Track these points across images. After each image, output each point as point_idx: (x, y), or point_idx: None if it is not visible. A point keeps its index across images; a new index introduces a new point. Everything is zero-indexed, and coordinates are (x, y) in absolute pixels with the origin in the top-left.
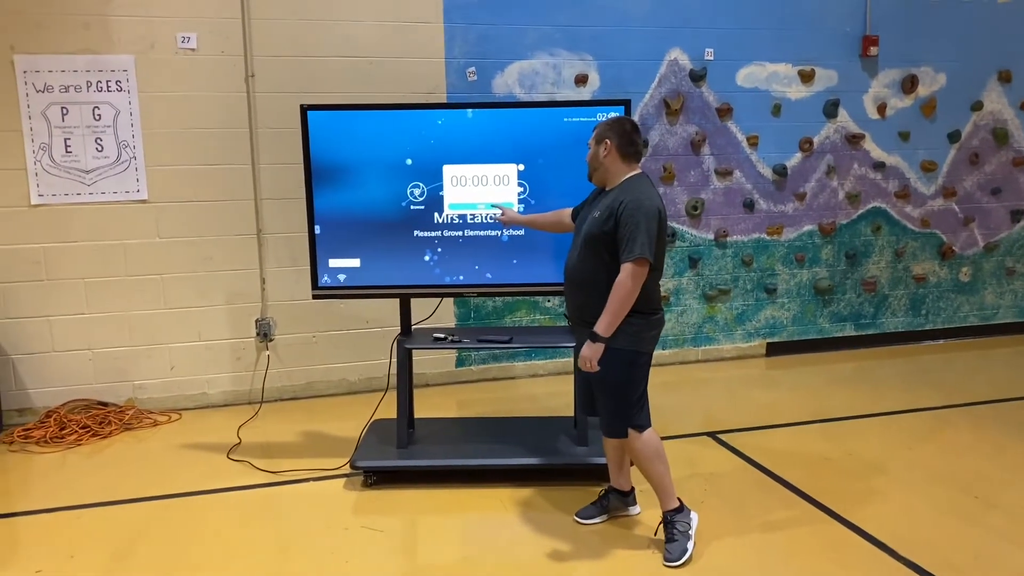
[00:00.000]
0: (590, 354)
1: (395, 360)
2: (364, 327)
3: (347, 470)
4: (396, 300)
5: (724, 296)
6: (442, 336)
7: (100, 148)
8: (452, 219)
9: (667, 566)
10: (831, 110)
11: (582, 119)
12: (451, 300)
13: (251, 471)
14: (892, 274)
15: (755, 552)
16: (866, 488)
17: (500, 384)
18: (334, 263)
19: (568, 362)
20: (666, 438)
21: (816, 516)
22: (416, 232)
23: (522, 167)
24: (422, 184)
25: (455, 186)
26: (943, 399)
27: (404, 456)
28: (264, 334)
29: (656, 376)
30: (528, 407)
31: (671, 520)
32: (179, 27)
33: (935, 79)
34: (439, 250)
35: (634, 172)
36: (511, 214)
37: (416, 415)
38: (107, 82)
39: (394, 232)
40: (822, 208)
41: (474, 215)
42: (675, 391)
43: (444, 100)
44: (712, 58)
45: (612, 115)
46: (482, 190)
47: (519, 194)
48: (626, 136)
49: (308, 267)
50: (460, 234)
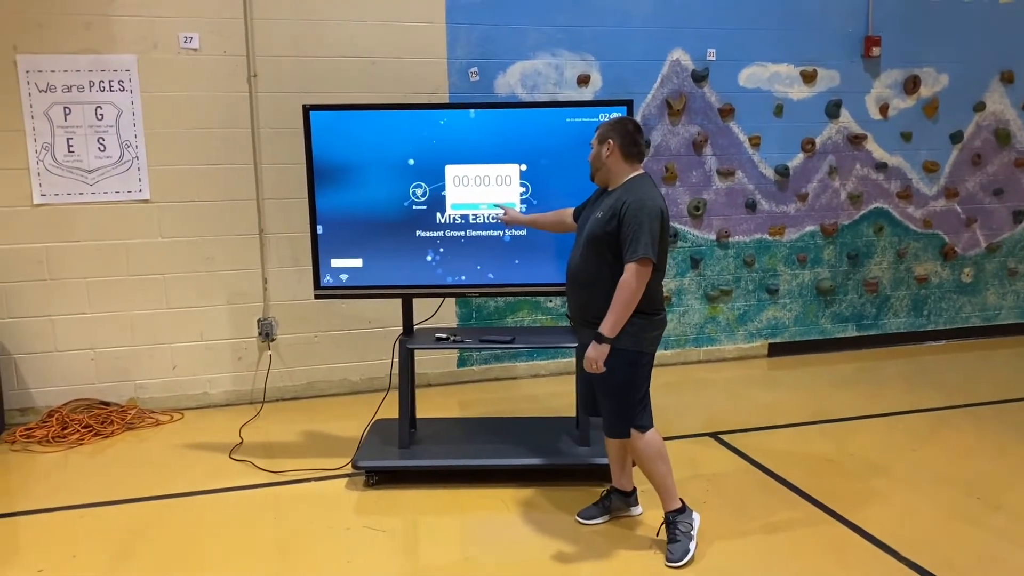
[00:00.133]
0: (595, 355)
1: (397, 360)
2: (366, 327)
3: (349, 470)
4: (398, 300)
5: (726, 296)
6: (444, 336)
7: (102, 148)
8: (454, 219)
9: (669, 567)
10: (833, 111)
11: (584, 119)
12: (453, 300)
13: (253, 471)
14: (894, 275)
15: (757, 553)
16: (868, 489)
17: (502, 384)
18: (336, 263)
19: (570, 362)
20: (668, 438)
21: (818, 517)
22: (418, 232)
23: (524, 167)
24: (424, 184)
25: (457, 186)
26: (945, 400)
27: (406, 456)
28: (266, 334)
29: (658, 376)
30: (530, 407)
31: (673, 520)
32: (181, 27)
33: (937, 80)
34: (441, 250)
35: (636, 172)
36: (513, 214)
37: (418, 415)
38: (109, 82)
39: (396, 232)
40: (824, 209)
41: (476, 215)
42: (677, 391)
43: (446, 100)
44: (714, 58)
45: (615, 115)
46: (484, 190)
47: (521, 194)
48: (629, 136)
49: (310, 267)
50: (462, 234)
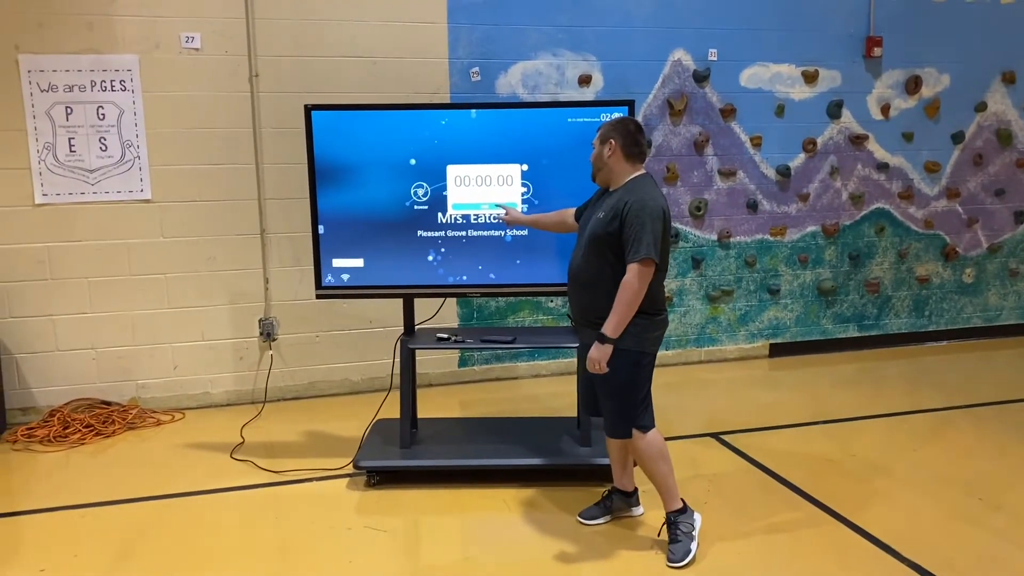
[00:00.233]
0: (599, 356)
1: (398, 360)
2: (367, 327)
3: (350, 470)
4: (399, 300)
5: (727, 297)
6: (445, 336)
7: (104, 148)
8: (456, 219)
9: (670, 567)
10: (835, 111)
11: (586, 119)
12: (454, 300)
13: (254, 471)
14: (895, 275)
15: (758, 553)
16: (869, 489)
17: (503, 384)
18: (338, 263)
19: (571, 362)
20: (669, 439)
21: (819, 517)
22: (420, 232)
23: (526, 167)
24: (426, 184)
25: (459, 186)
26: (946, 400)
27: (407, 456)
28: (267, 334)
29: (659, 377)
30: (531, 407)
31: (674, 521)
32: (183, 27)
33: (939, 80)
34: (442, 250)
35: (638, 172)
36: (515, 214)
37: (419, 415)
38: (111, 82)
39: (398, 232)
40: (825, 209)
41: (478, 215)
42: (678, 392)
43: (448, 100)
44: (716, 59)
45: (616, 115)
46: (486, 190)
47: (523, 194)
48: (630, 136)
49: (311, 267)
50: (463, 234)
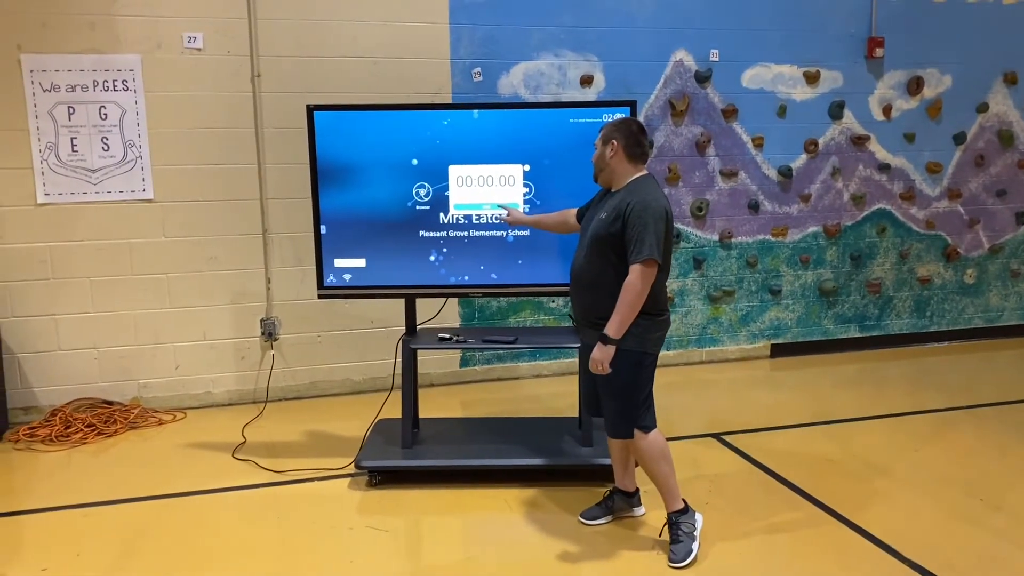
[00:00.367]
0: (601, 356)
1: (400, 360)
2: (369, 327)
3: (352, 470)
4: (401, 300)
5: (728, 297)
6: (447, 336)
7: (106, 147)
8: (457, 219)
9: (672, 567)
10: (836, 111)
11: (588, 120)
12: (455, 300)
13: (256, 470)
14: (897, 276)
15: (759, 553)
16: (870, 490)
17: (504, 384)
18: (340, 263)
19: (572, 363)
20: (670, 439)
21: (820, 517)
22: (421, 232)
23: (528, 168)
24: (428, 184)
25: (461, 186)
26: (947, 401)
27: (409, 456)
28: (269, 333)
29: (660, 377)
30: (532, 407)
31: (676, 521)
32: (185, 27)
33: (941, 81)
34: (444, 250)
35: (640, 173)
36: (516, 214)
37: (420, 415)
38: (113, 82)
39: (400, 232)
40: (827, 209)
41: (479, 215)
42: (679, 392)
43: (450, 100)
44: (717, 59)
45: (618, 116)
46: (488, 190)
47: (524, 195)
48: (633, 137)
49: (313, 267)
50: (465, 234)
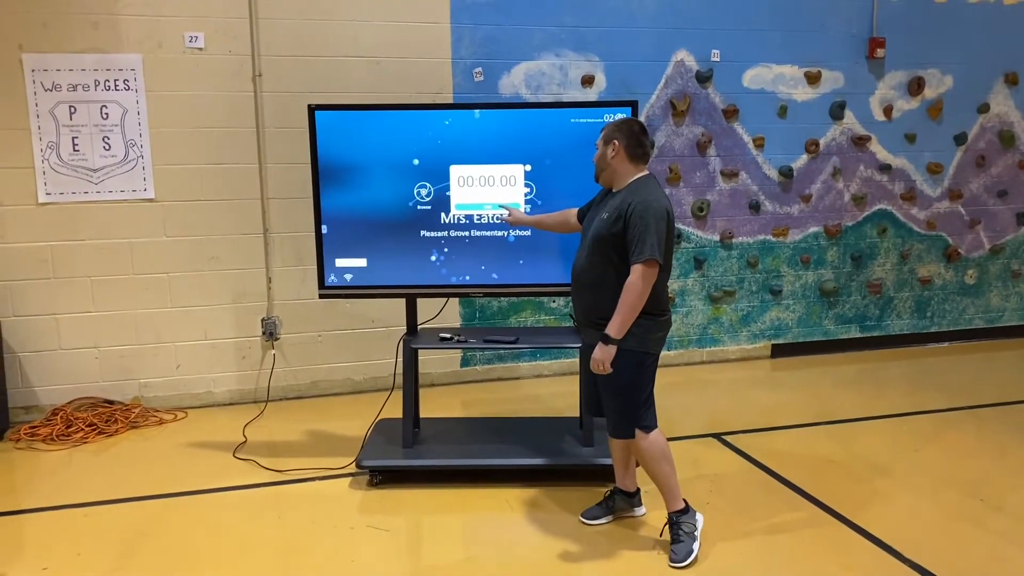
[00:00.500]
0: (602, 356)
1: (401, 360)
2: (369, 327)
3: (353, 469)
4: (402, 300)
5: (729, 297)
6: (448, 336)
7: (107, 147)
8: (459, 219)
9: (672, 567)
10: (837, 112)
11: (589, 120)
12: (456, 300)
13: (257, 470)
14: (897, 276)
15: (760, 553)
16: (871, 490)
17: (505, 384)
18: (341, 263)
19: (573, 363)
20: (671, 439)
21: (821, 518)
22: (423, 232)
23: (529, 168)
24: (429, 184)
25: (462, 186)
26: (948, 401)
27: (410, 456)
28: (270, 333)
29: (661, 377)
30: (533, 407)
31: (676, 521)
32: (186, 26)
33: (942, 81)
34: (445, 250)
35: (642, 173)
36: (518, 214)
37: (421, 415)
38: (115, 81)
39: (401, 232)
40: (828, 210)
41: (480, 215)
42: (680, 392)
43: (451, 100)
44: (718, 59)
45: (620, 116)
46: (489, 190)
47: (526, 195)
48: (634, 137)
49: (314, 266)
50: (466, 234)
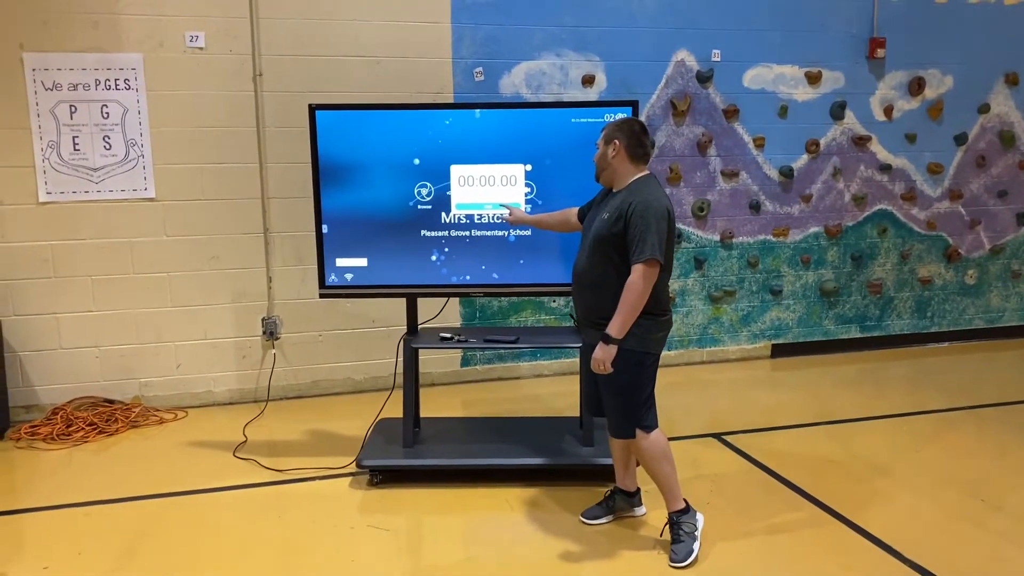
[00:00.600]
0: (603, 356)
1: (401, 359)
2: (370, 326)
3: (353, 469)
4: (402, 300)
5: (729, 297)
6: (449, 336)
7: (108, 146)
8: (459, 219)
9: (673, 567)
10: (838, 112)
11: (590, 120)
12: (456, 300)
13: (257, 469)
14: (898, 276)
15: (760, 553)
16: (871, 490)
17: (505, 384)
18: (341, 262)
19: (573, 362)
20: (671, 439)
21: (821, 518)
22: (423, 232)
23: (529, 167)
24: (429, 184)
25: (462, 186)
26: (948, 401)
27: (410, 455)
28: (270, 333)
29: (661, 377)
30: (533, 407)
31: (677, 521)
32: (187, 26)
33: (942, 81)
34: (446, 250)
35: (642, 173)
36: (518, 213)
37: (422, 414)
38: (115, 80)
39: (401, 232)
40: (828, 210)
41: (481, 215)
42: (680, 392)
43: (451, 100)
44: (719, 59)
45: (621, 116)
46: (489, 190)
47: (526, 194)
48: (635, 137)
49: (314, 266)
50: (467, 234)
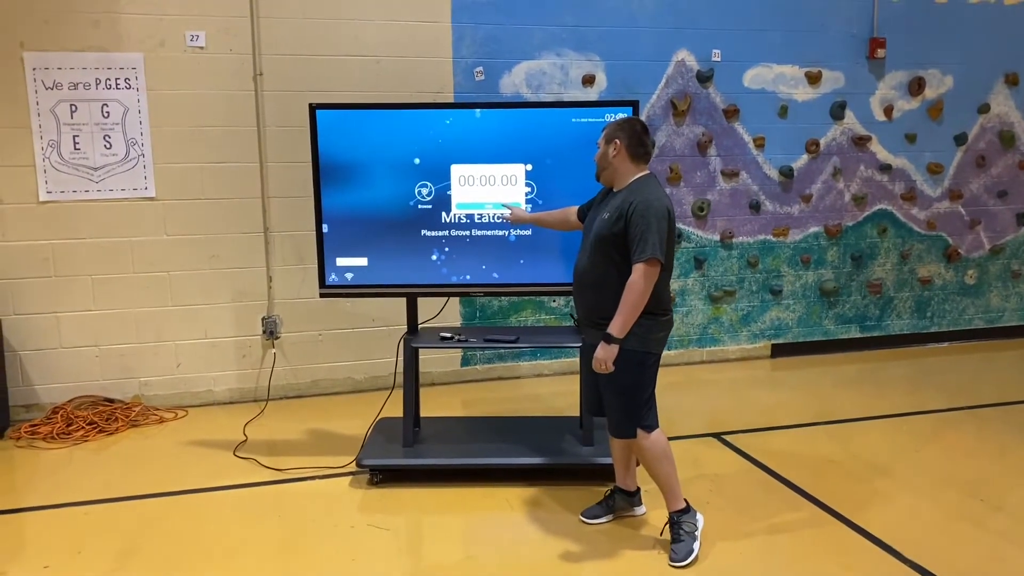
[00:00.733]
0: (604, 355)
1: (401, 359)
2: (370, 326)
3: (353, 468)
4: (402, 299)
5: (729, 297)
6: (449, 335)
7: (108, 145)
8: (459, 219)
9: (672, 566)
10: (838, 112)
11: (590, 120)
12: (456, 299)
13: (257, 468)
14: (897, 276)
15: (760, 553)
16: (871, 490)
17: (505, 383)
18: (341, 262)
19: (573, 362)
20: (671, 439)
21: (821, 518)
22: (423, 231)
23: (530, 167)
24: (430, 183)
25: (463, 186)
26: (948, 401)
27: (410, 455)
28: (270, 332)
29: (661, 377)
30: (533, 407)
31: (677, 520)
32: (188, 25)
33: (942, 81)
34: (446, 249)
35: (643, 173)
36: (518, 212)
37: (422, 414)
38: (116, 80)
39: (401, 231)
40: (828, 210)
41: (481, 215)
42: (680, 392)
43: (451, 100)
44: (719, 59)
45: (622, 115)
46: (490, 190)
47: (526, 194)
48: (636, 137)
49: (314, 265)
50: (467, 234)
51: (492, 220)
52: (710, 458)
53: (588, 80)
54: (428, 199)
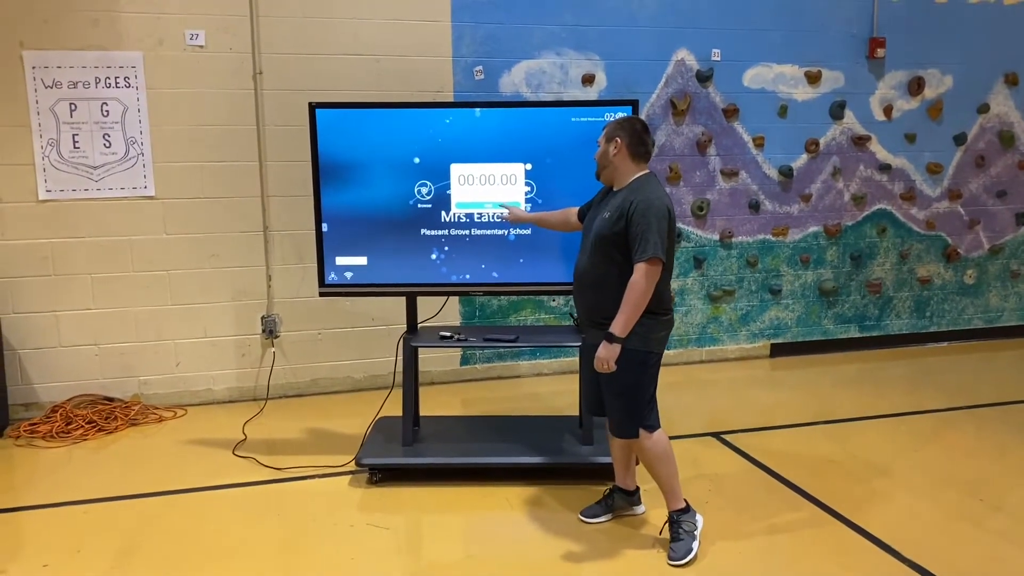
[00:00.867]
0: (607, 355)
1: (401, 358)
2: (370, 325)
3: (352, 467)
4: (402, 298)
5: (729, 297)
6: (448, 334)
7: (108, 144)
8: (459, 218)
9: (671, 565)
10: (837, 112)
11: (590, 119)
12: (456, 299)
13: (256, 467)
14: (897, 276)
15: (759, 553)
16: (870, 490)
17: (505, 383)
18: (341, 261)
19: (573, 361)
20: (670, 438)
21: (820, 518)
22: (423, 231)
23: (529, 166)
24: (429, 183)
25: (462, 185)
26: (947, 401)
27: (409, 454)
28: (270, 331)
29: (661, 376)
30: (533, 406)
31: (677, 519)
32: (187, 24)
33: (942, 81)
34: (446, 249)
35: (643, 172)
36: (518, 212)
37: (421, 413)
38: (115, 78)
39: (401, 230)
40: (827, 209)
41: (481, 214)
42: (680, 391)
43: (451, 99)
44: (719, 59)
45: (622, 114)
46: (489, 189)
47: (526, 193)
48: (636, 136)
49: (314, 264)
50: (467, 233)
51: (492, 219)
52: (709, 458)
53: (588, 79)
54: (428, 198)
